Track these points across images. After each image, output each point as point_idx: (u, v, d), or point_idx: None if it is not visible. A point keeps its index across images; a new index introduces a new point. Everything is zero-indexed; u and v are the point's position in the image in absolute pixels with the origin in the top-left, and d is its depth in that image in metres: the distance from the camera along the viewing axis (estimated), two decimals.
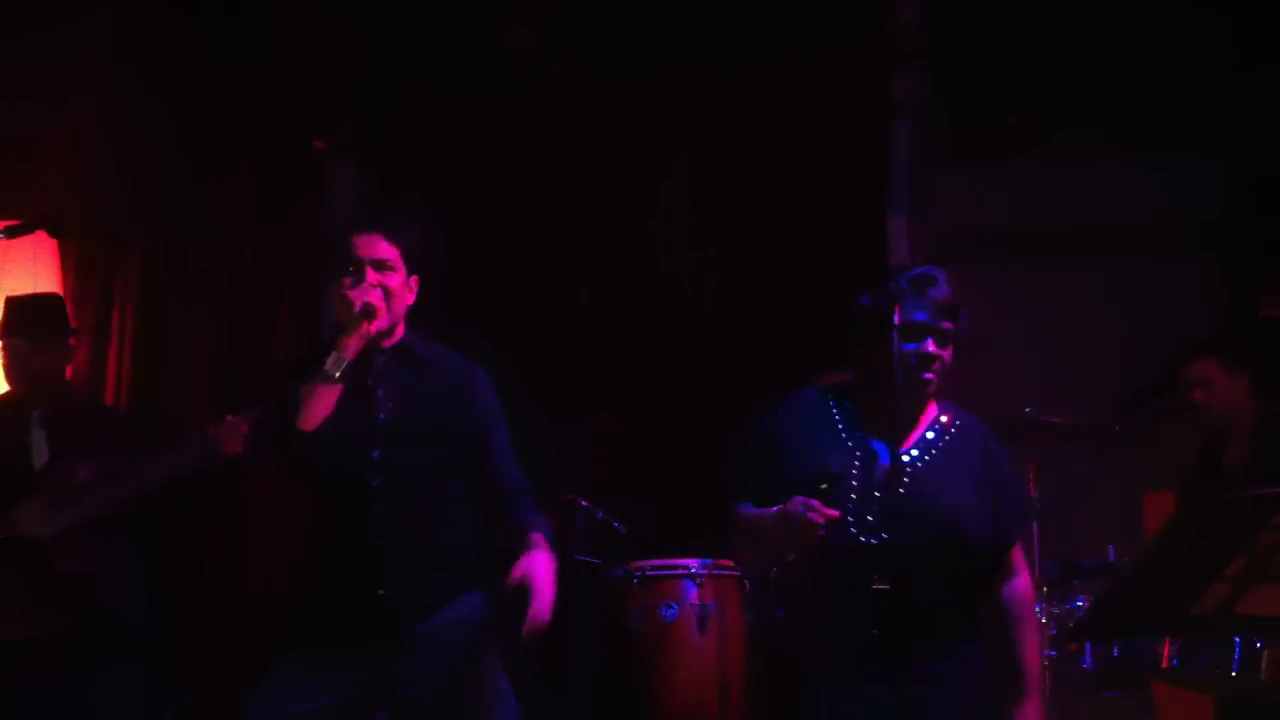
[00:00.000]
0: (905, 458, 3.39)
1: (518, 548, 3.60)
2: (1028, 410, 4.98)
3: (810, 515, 3.15)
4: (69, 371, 4.88)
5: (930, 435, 3.45)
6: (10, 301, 4.76)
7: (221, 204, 6.05)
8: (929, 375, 3.37)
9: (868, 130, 5.79)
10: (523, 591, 3.44)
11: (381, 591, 3.49)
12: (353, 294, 3.55)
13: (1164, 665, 4.33)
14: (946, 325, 3.37)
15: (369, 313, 3.53)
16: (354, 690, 3.50)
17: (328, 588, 3.57)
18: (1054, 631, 4.70)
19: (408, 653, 3.51)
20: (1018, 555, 3.44)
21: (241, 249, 6.10)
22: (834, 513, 3.17)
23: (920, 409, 3.46)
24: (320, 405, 3.48)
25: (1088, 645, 4.48)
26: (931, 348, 3.36)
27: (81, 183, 5.90)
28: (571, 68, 5.96)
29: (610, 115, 6.02)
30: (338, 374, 3.49)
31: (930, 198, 5.64)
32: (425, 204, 5.80)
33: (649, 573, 5.07)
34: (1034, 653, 3.43)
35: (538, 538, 3.58)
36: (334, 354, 3.50)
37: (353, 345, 3.51)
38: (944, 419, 3.48)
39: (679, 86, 5.93)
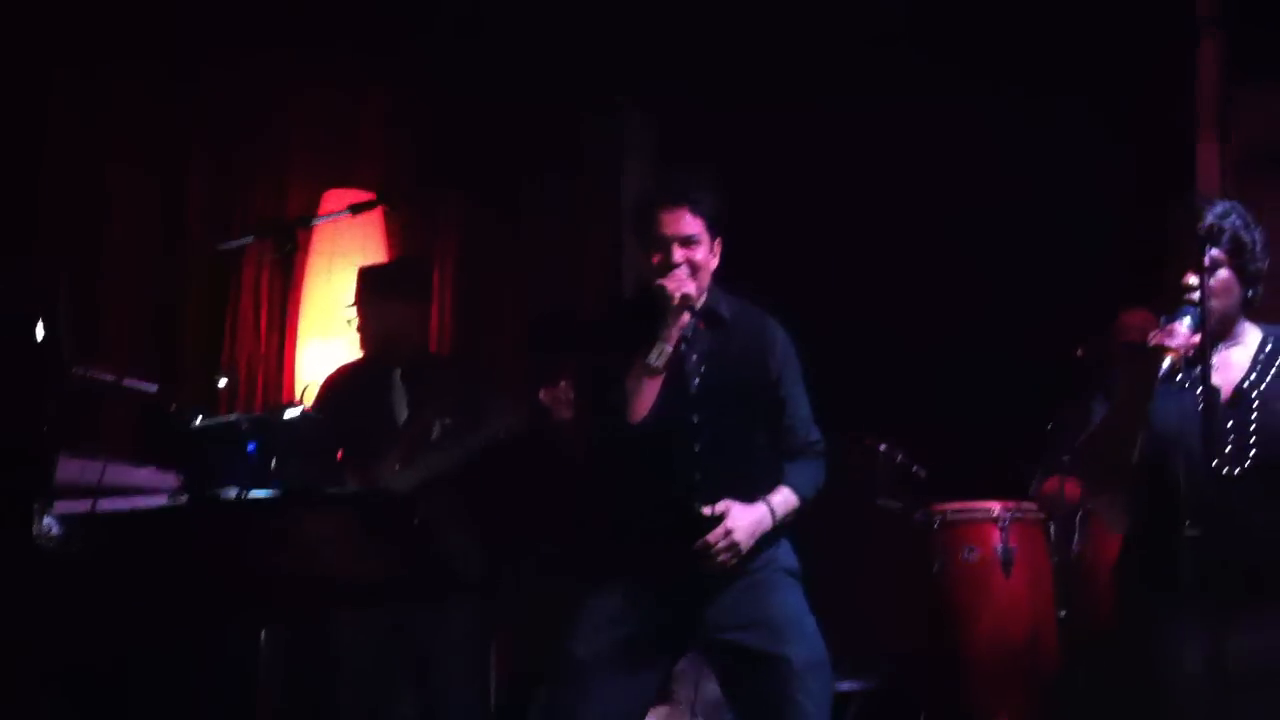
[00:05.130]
0: (1245, 384, 3.25)
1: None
2: None
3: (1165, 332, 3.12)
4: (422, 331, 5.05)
5: (1262, 356, 3.28)
6: (369, 270, 4.93)
7: (521, 163, 6.26)
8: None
9: (1171, 50, 5.54)
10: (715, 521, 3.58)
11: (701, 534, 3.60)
12: (669, 285, 3.62)
13: None
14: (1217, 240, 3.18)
15: (686, 303, 3.64)
16: (666, 627, 3.65)
17: (647, 538, 3.67)
18: None
19: (723, 597, 3.64)
20: None
21: (541, 207, 6.32)
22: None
23: (1226, 328, 3.29)
24: (646, 396, 3.63)
25: None
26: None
27: (396, 153, 6.18)
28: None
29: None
30: (661, 365, 3.63)
31: (1235, 118, 5.34)
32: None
33: (950, 516, 5.08)
34: None
35: (782, 491, 3.72)
36: (658, 345, 3.62)
37: (674, 336, 3.64)
38: (1261, 335, 3.32)
39: None
